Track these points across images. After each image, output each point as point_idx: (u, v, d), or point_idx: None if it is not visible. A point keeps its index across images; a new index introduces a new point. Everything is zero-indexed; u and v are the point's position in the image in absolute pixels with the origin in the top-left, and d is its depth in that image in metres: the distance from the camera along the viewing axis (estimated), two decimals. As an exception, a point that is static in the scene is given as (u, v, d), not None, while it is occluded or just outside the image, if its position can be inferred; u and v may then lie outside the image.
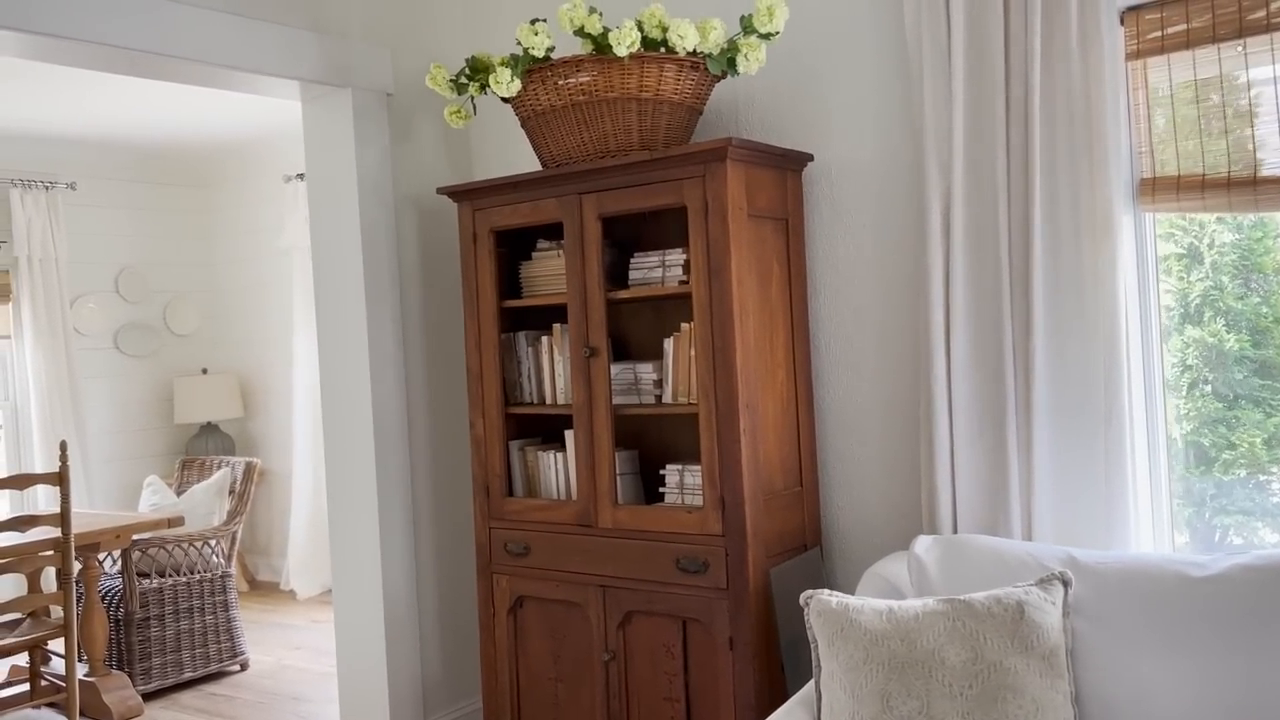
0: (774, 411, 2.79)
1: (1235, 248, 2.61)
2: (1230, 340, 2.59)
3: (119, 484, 6.38)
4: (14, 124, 5.62)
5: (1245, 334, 2.58)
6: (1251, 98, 2.44)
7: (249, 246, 6.77)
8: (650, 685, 2.82)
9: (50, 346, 5.99)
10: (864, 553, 2.94)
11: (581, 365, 2.90)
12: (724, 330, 2.64)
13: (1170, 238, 2.66)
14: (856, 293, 2.93)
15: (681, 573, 2.74)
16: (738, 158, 2.65)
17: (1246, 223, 2.59)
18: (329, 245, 3.40)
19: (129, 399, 6.51)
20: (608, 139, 2.82)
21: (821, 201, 2.97)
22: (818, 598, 2.22)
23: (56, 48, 2.79)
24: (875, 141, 2.88)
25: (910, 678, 2.04)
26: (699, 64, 2.77)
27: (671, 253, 2.86)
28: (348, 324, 3.36)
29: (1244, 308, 2.59)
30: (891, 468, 2.90)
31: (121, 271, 6.49)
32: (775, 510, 2.76)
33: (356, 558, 3.39)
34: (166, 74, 3.08)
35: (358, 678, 3.43)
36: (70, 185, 6.17)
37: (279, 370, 6.62)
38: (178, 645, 4.64)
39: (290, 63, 3.14)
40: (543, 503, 3.04)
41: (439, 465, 3.55)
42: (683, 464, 2.88)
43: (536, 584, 3.02)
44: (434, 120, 3.57)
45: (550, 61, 2.78)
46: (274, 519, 6.67)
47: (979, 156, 2.60)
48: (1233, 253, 2.61)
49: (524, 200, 3.00)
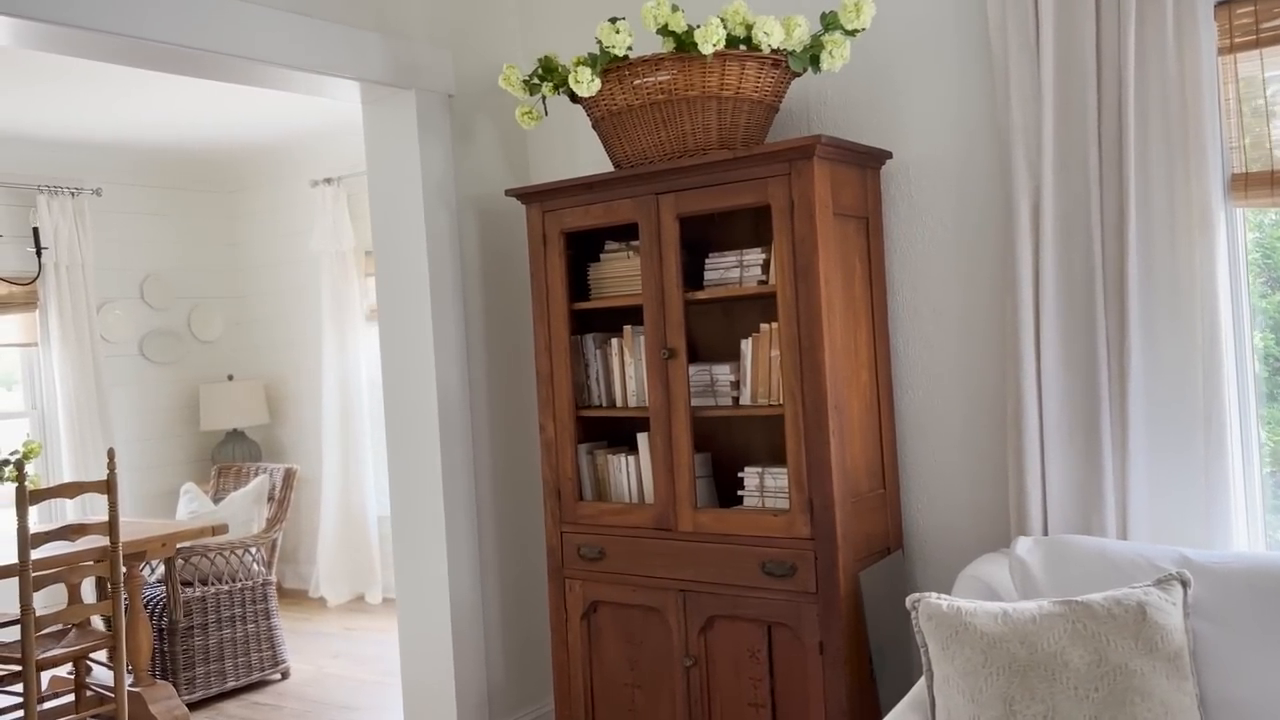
0: (859, 413, 2.76)
1: (1257, 246, 2.59)
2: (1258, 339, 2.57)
3: (145, 492, 6.32)
4: (40, 129, 5.56)
5: (1270, 331, 2.56)
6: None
7: (275, 252, 6.72)
8: (734, 691, 2.79)
9: (77, 353, 5.93)
10: (945, 555, 2.91)
11: (659, 367, 2.86)
12: (811, 330, 2.61)
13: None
14: (936, 292, 2.90)
15: (767, 576, 2.70)
16: (825, 155, 2.62)
17: (1268, 221, 2.57)
18: (393, 247, 3.36)
19: (154, 406, 6.46)
20: (686, 138, 2.79)
21: (899, 200, 2.94)
22: (926, 600, 2.19)
23: (123, 47, 2.74)
24: (956, 138, 2.85)
25: (1033, 681, 2.01)
26: (780, 61, 2.74)
27: (750, 252, 2.82)
28: (413, 326, 3.32)
29: (1268, 305, 2.57)
30: (973, 469, 2.86)
31: (147, 278, 6.44)
32: (862, 513, 2.73)
33: (423, 564, 3.35)
34: (230, 74, 3.03)
35: (423, 684, 3.38)
36: (96, 191, 6.11)
37: (306, 376, 6.56)
38: (220, 654, 4.59)
39: (354, 63, 3.10)
40: (616, 506, 3.00)
41: (503, 468, 3.51)
42: (762, 466, 2.85)
43: (612, 589, 2.98)
44: (493, 122, 3.53)
45: (629, 60, 2.75)
46: (301, 526, 6.62)
47: (1069, 153, 2.57)
48: (1255, 250, 2.59)
49: (597, 201, 2.96)
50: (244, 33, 2.84)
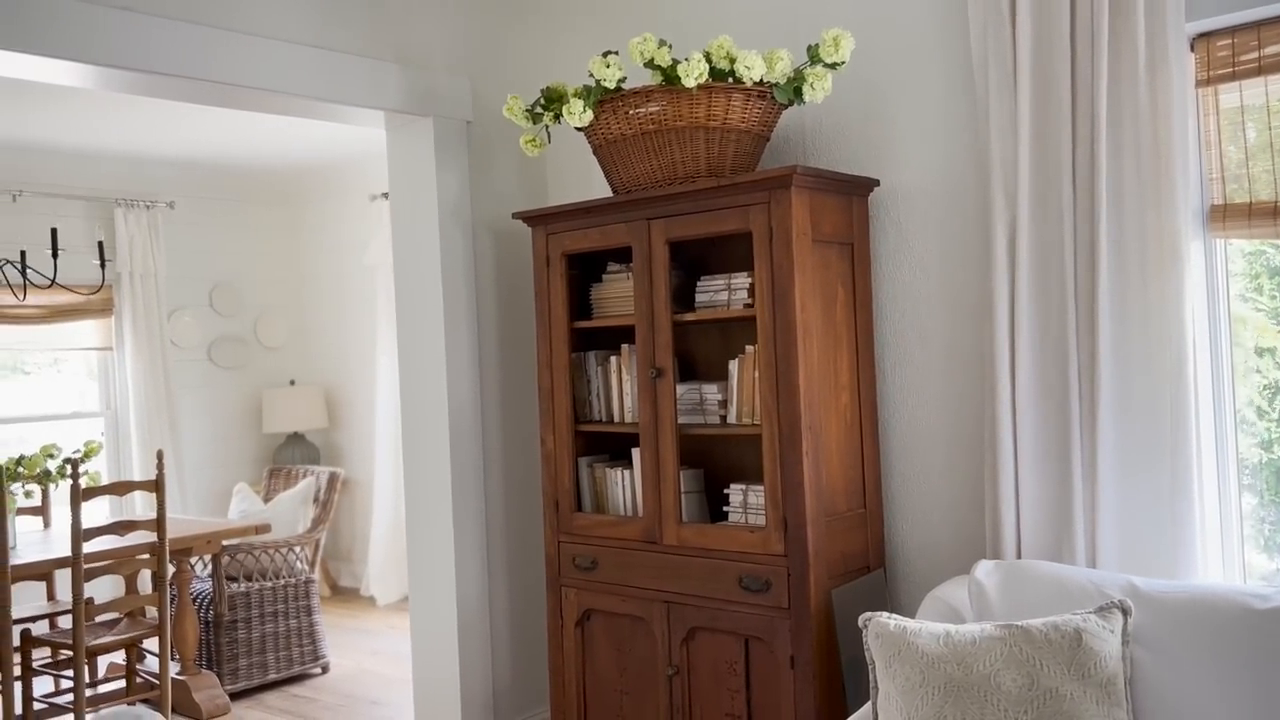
0: (837, 434, 2.83)
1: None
2: None
3: (211, 490, 6.66)
4: (118, 147, 5.93)
5: None
6: (1325, 124, 2.41)
7: (335, 263, 7.02)
8: (713, 700, 2.88)
9: (148, 358, 6.30)
10: (928, 576, 2.96)
11: (648, 386, 2.98)
12: (787, 353, 2.70)
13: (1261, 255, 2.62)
14: (921, 317, 2.96)
15: (744, 591, 2.79)
16: (803, 184, 2.70)
17: None
18: (410, 266, 3.54)
19: (221, 409, 6.80)
20: (676, 166, 2.90)
21: (888, 226, 3.00)
22: (876, 619, 2.26)
23: (163, 84, 2.98)
24: (941, 167, 2.90)
25: (965, 702, 2.07)
26: (766, 93, 2.84)
27: (737, 276, 2.92)
28: (427, 341, 3.50)
29: None
30: (956, 492, 2.91)
31: (215, 287, 6.79)
32: (838, 532, 2.80)
33: (432, 567, 3.52)
34: (262, 106, 3.26)
35: (432, 683, 3.55)
36: (169, 204, 6.48)
37: (362, 383, 6.84)
38: (263, 647, 4.84)
39: (376, 94, 3.29)
40: (610, 519, 3.12)
41: (511, 479, 3.67)
42: (747, 484, 2.94)
43: (603, 598, 3.10)
44: (510, 147, 3.69)
45: (621, 92, 2.88)
46: (355, 527, 6.89)
47: (1045, 184, 2.61)
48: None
49: (594, 225, 3.09)
50: (277, 70, 3.06)
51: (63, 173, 6.07)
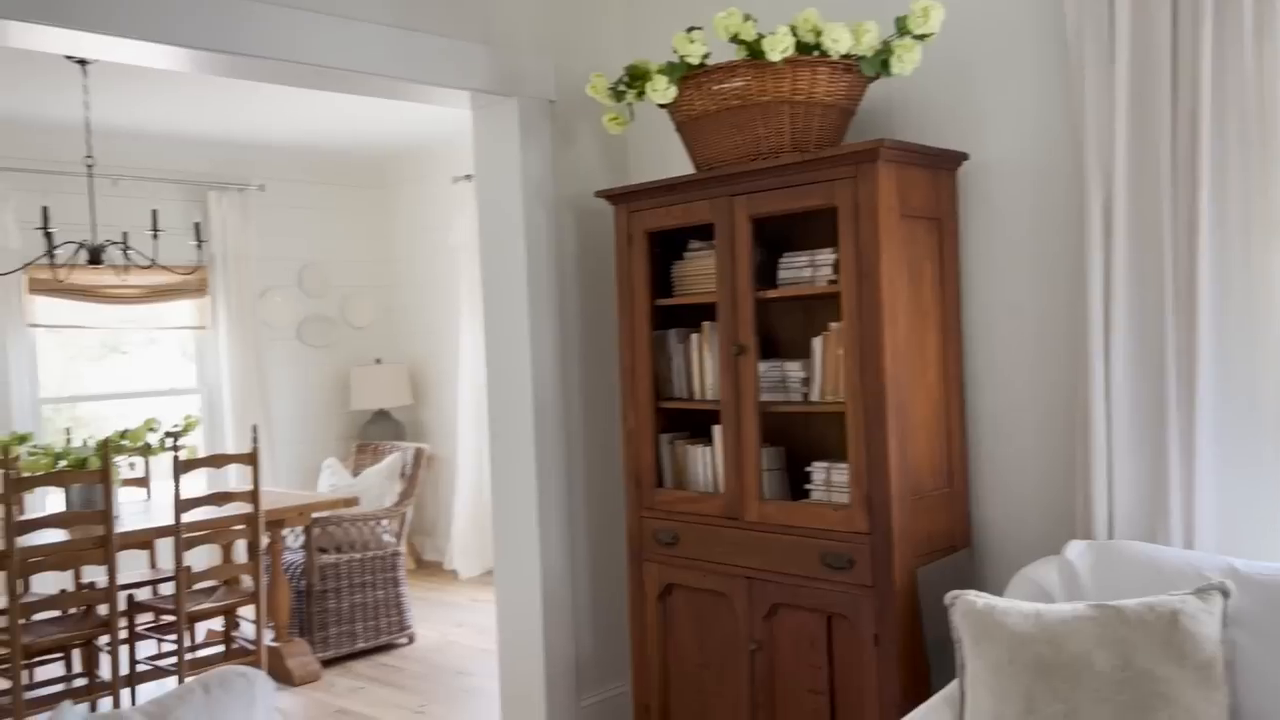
0: (923, 412, 2.80)
1: None
2: None
3: (300, 465, 6.86)
4: (212, 132, 6.12)
5: None
6: None
7: (420, 244, 7.14)
8: (795, 676, 2.89)
9: (241, 337, 6.50)
10: (1015, 556, 2.91)
11: (730, 363, 2.98)
12: (873, 331, 2.67)
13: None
14: (1012, 293, 2.90)
15: (827, 568, 2.79)
16: (890, 158, 2.67)
17: None
18: (495, 246, 3.59)
19: (310, 386, 6.99)
20: (760, 142, 2.89)
21: (977, 201, 2.95)
22: (963, 597, 2.24)
23: (253, 66, 3.05)
24: (1033, 141, 2.84)
25: (1056, 681, 2.04)
26: (852, 66, 2.80)
27: (821, 253, 2.90)
28: (511, 319, 3.55)
29: None
30: (1046, 471, 2.86)
31: (304, 268, 6.96)
32: (923, 511, 2.77)
33: (517, 542, 3.58)
34: (351, 88, 3.32)
35: (516, 656, 3.61)
36: (260, 187, 6.66)
37: (446, 361, 6.96)
38: (352, 617, 4.98)
39: (462, 74, 3.34)
40: (691, 495, 3.13)
41: (592, 455, 3.70)
42: (829, 461, 2.93)
43: (684, 573, 3.13)
44: (593, 125, 3.71)
45: (705, 68, 2.87)
46: (439, 502, 7.03)
47: (1142, 158, 2.54)
48: None
49: (677, 202, 3.10)
50: (367, 52, 3.12)
51: (159, 157, 6.28)
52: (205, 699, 1.84)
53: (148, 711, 1.80)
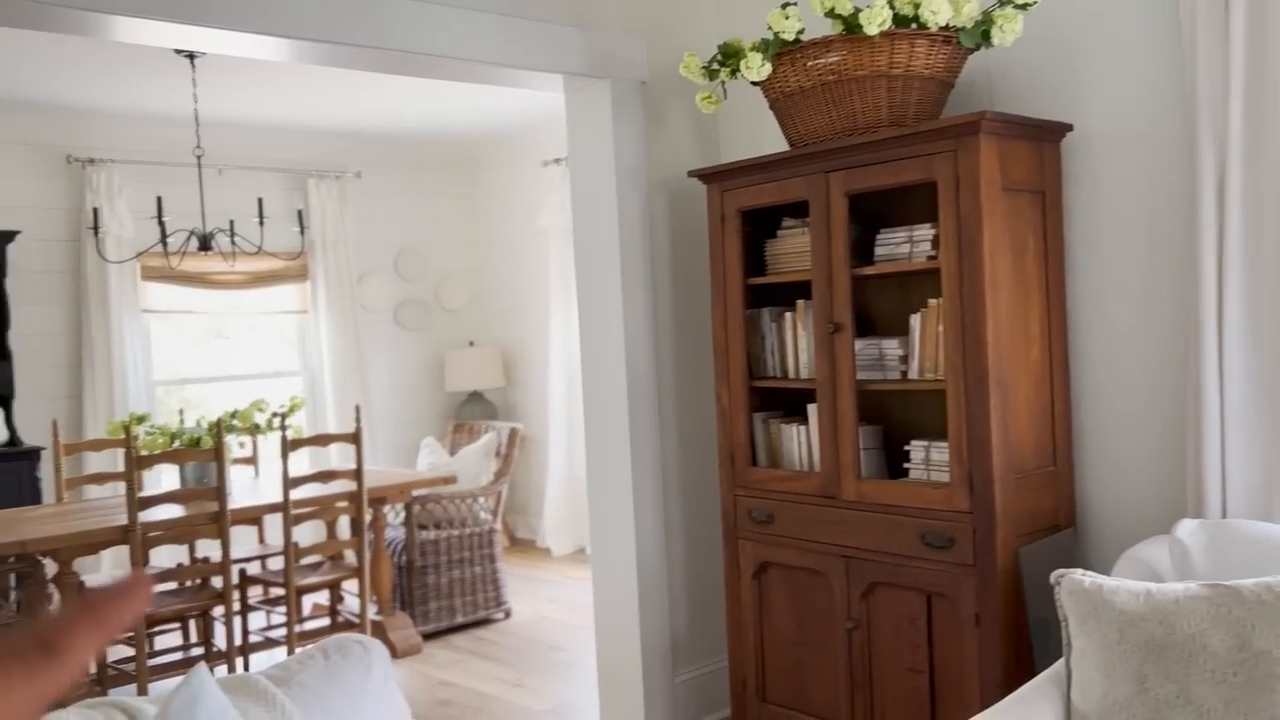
0: (1026, 389, 2.75)
1: None
2: None
3: (397, 445, 7.04)
4: (310, 121, 6.28)
5: None
6: None
7: (510, 228, 7.24)
8: (893, 655, 2.87)
9: (340, 321, 6.69)
10: (1122, 536, 2.85)
11: (825, 341, 2.97)
12: (974, 306, 2.63)
13: None
14: (1119, 267, 2.83)
15: (927, 547, 2.76)
16: (992, 131, 2.62)
17: None
18: (588, 227, 3.63)
19: (405, 368, 7.16)
20: (856, 117, 2.86)
21: (1081, 173, 2.88)
22: (1070, 576, 2.20)
23: (355, 55, 3.13)
24: (1141, 110, 2.75)
25: (1168, 661, 2.00)
26: (951, 38, 2.75)
27: (920, 228, 2.86)
28: (605, 300, 3.59)
29: None
30: (1154, 448, 2.78)
31: (400, 252, 7.12)
32: (1026, 489, 2.73)
33: (612, 520, 3.63)
34: (447, 74, 3.38)
35: (612, 631, 3.67)
36: (356, 174, 6.82)
37: (537, 343, 7.06)
38: (450, 592, 5.10)
39: (555, 58, 3.37)
40: (786, 473, 3.13)
41: (685, 434, 3.73)
42: (928, 440, 2.90)
43: (780, 551, 3.13)
44: (684, 105, 3.71)
45: (800, 43, 2.85)
46: (531, 481, 7.15)
47: (1259, 126, 2.44)
48: None
49: (770, 180, 3.09)
50: (463, 38, 3.17)
51: (261, 147, 6.48)
52: (325, 664, 1.93)
53: (272, 675, 1.89)
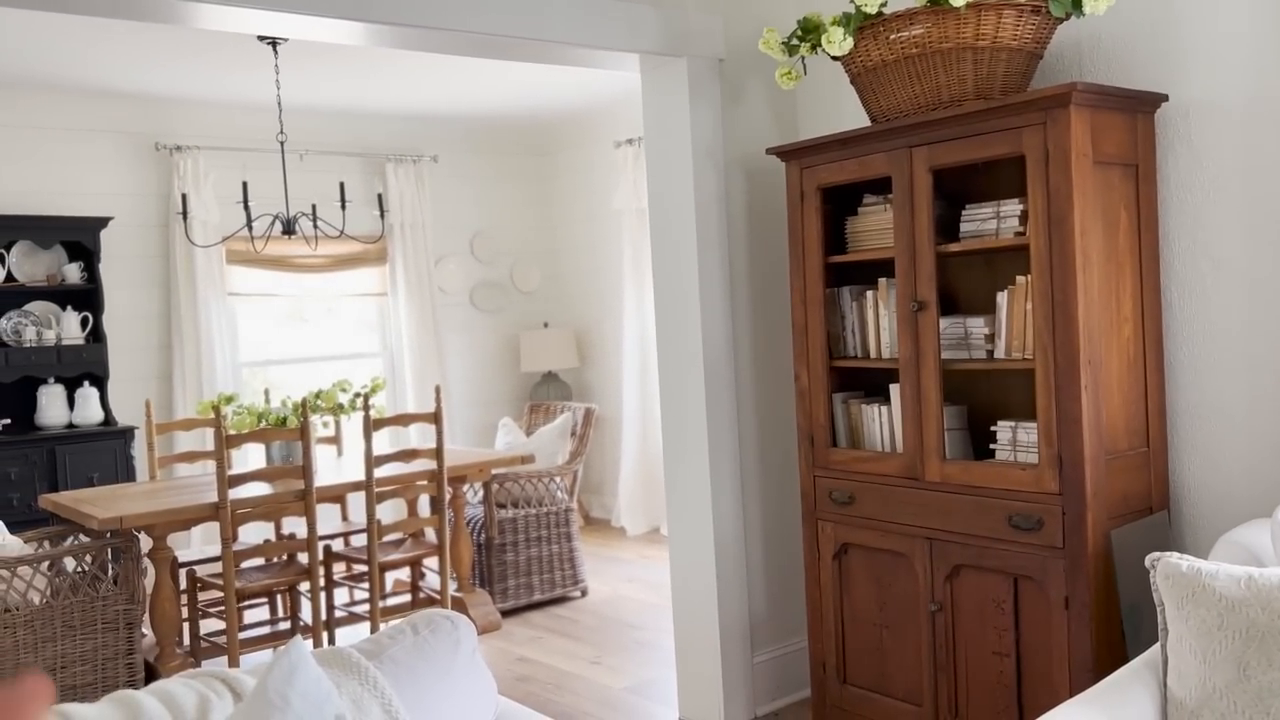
0: (1118, 368, 2.68)
1: None
2: None
3: (473, 425, 7.13)
4: (388, 106, 6.37)
5: None
6: None
7: (583, 209, 7.26)
8: (978, 639, 2.83)
9: (418, 303, 6.78)
10: (1217, 519, 2.76)
11: (909, 319, 2.92)
12: (1064, 283, 2.57)
13: None
14: (1215, 243, 2.73)
15: (1014, 529, 2.71)
16: (1083, 102, 2.54)
17: None
18: (665, 207, 3.62)
19: (482, 350, 7.24)
20: (940, 90, 2.80)
21: (1178, 145, 2.78)
22: (1166, 560, 2.14)
23: (433, 38, 3.16)
24: (1243, 80, 2.65)
25: (1272, 648, 1.93)
26: (1040, 7, 2.68)
27: (1007, 203, 2.80)
28: (681, 280, 3.58)
29: None
30: (1253, 431, 2.69)
31: (475, 235, 7.19)
32: (1117, 471, 2.66)
33: (689, 501, 3.63)
34: (525, 55, 3.39)
35: (690, 611, 3.68)
36: (433, 158, 6.90)
37: (610, 324, 7.08)
38: (528, 570, 5.17)
39: (632, 37, 3.36)
40: (867, 454, 3.10)
41: (763, 414, 3.71)
42: (1015, 420, 2.84)
43: (861, 532, 3.10)
44: (761, 82, 3.67)
45: (883, 16, 2.80)
46: (605, 461, 7.19)
47: (1372, 87, 2.33)
48: None
49: (851, 156, 3.04)
50: (539, 19, 3.18)
51: (340, 132, 6.59)
52: (414, 639, 1.96)
53: (364, 649, 1.93)
